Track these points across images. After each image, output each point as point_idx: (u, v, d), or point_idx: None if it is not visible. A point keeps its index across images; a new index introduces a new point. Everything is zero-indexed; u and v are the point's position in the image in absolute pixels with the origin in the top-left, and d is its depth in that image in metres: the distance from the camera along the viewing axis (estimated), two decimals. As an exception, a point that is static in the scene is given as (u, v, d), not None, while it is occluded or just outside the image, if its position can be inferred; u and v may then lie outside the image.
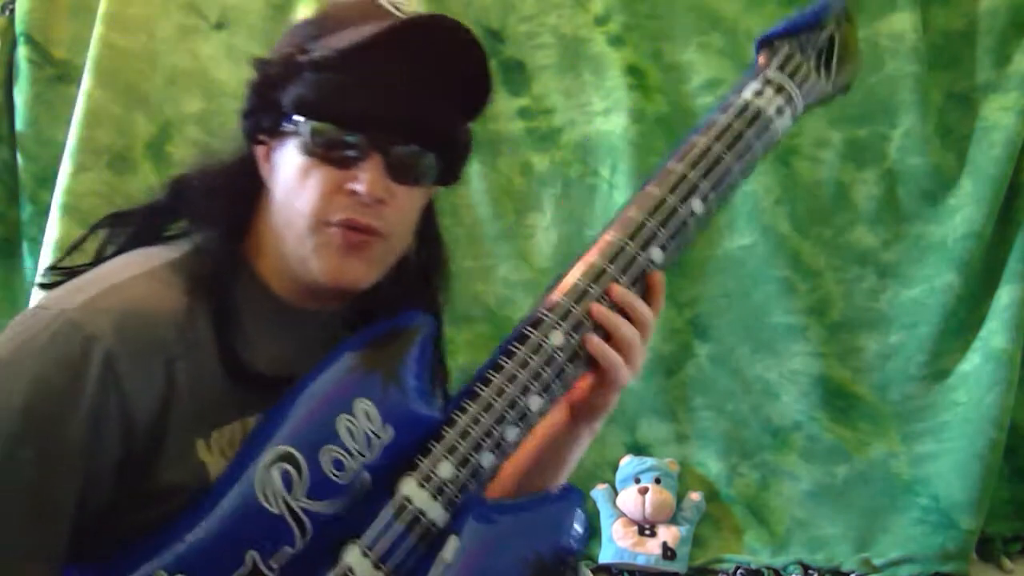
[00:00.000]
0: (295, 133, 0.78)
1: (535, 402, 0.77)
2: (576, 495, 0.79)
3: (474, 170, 2.20)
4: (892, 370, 2.08)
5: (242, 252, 0.84)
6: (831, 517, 2.04)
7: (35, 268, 2.09)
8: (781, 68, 0.85)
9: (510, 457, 0.79)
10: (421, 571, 0.74)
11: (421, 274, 0.91)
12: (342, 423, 0.75)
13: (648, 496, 2.02)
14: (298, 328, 0.85)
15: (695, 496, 2.09)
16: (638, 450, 2.16)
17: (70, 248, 0.89)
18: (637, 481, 2.06)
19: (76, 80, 2.16)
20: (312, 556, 0.74)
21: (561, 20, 2.20)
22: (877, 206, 2.10)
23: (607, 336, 0.79)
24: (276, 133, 0.80)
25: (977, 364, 2.00)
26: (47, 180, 2.14)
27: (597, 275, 0.78)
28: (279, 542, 0.73)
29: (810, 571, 1.97)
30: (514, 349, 0.78)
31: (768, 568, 1.99)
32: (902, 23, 2.07)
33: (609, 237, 0.80)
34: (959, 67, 2.09)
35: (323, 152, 0.78)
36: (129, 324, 0.73)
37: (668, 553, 1.98)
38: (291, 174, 0.79)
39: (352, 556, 0.74)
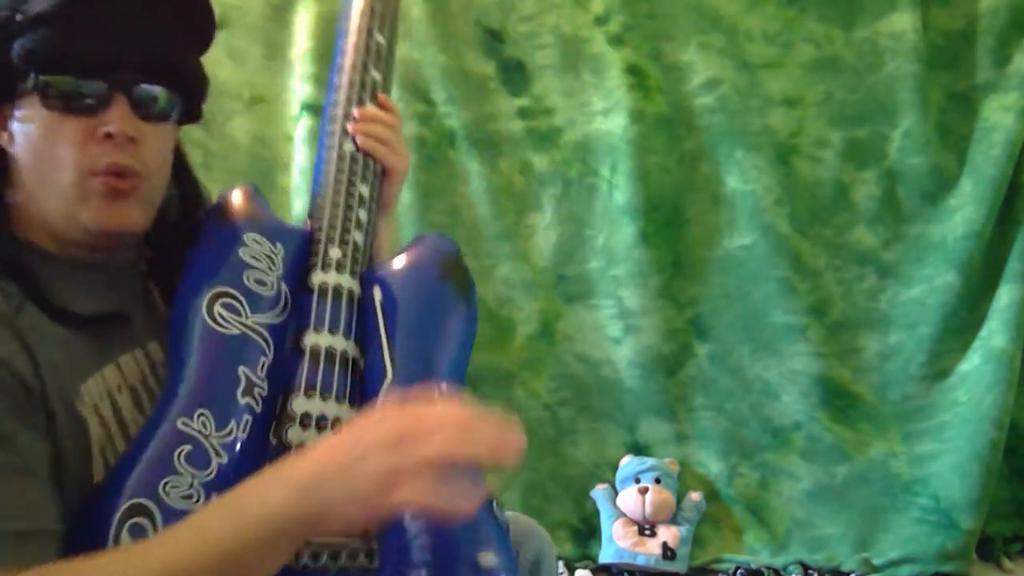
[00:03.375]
0: (31, 91, 0.79)
1: (364, 189, 1.00)
2: (434, 232, 1.02)
3: (474, 170, 2.20)
4: (892, 370, 2.08)
5: (7, 228, 0.83)
6: (831, 517, 2.04)
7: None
8: None
9: (373, 235, 0.99)
10: (369, 323, 0.91)
11: (184, 213, 0.96)
12: (245, 254, 0.89)
13: (648, 496, 2.02)
14: (105, 281, 0.87)
15: (695, 496, 2.09)
16: (638, 450, 2.16)
17: None
18: (637, 481, 2.06)
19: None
20: (284, 359, 0.87)
21: (561, 20, 2.20)
22: (877, 206, 2.10)
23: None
24: (8, 96, 0.81)
25: (977, 364, 2.00)
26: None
27: (348, 101, 1.04)
28: (256, 354, 0.85)
29: (810, 571, 1.97)
30: (328, 164, 1.00)
31: (768, 568, 1.99)
32: (902, 23, 2.07)
33: (340, 79, 1.06)
34: (959, 67, 2.10)
35: (65, 104, 0.79)
36: None
37: (668, 553, 1.98)
38: (37, 134, 0.80)
39: (310, 337, 0.88)
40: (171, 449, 0.77)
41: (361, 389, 0.88)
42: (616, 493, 2.10)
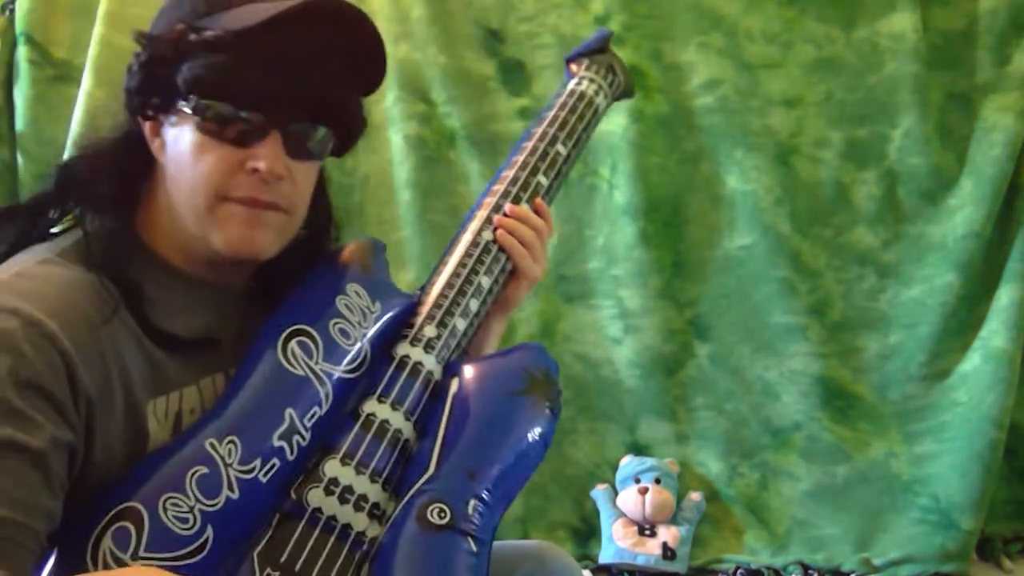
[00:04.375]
0: (189, 111, 0.79)
1: (485, 280, 0.97)
2: (537, 344, 0.97)
3: (474, 170, 2.20)
4: (892, 370, 2.08)
5: (135, 229, 0.84)
6: (831, 517, 2.04)
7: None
8: (588, 70, 1.18)
9: (477, 325, 0.97)
10: (435, 412, 0.87)
11: (313, 240, 0.94)
12: (341, 302, 0.88)
13: (648, 496, 2.02)
14: (209, 301, 0.86)
15: (695, 496, 2.09)
16: (638, 450, 2.16)
17: None
18: (637, 481, 2.06)
19: (76, 80, 2.16)
20: (337, 418, 0.84)
21: (561, 20, 2.20)
22: (877, 206, 2.10)
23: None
24: (167, 109, 0.81)
25: (977, 364, 2.00)
26: (47, 180, 2.15)
27: (504, 194, 1.03)
28: (310, 401, 0.82)
29: (810, 571, 1.97)
30: (459, 244, 0.99)
31: (768, 568, 1.99)
32: (902, 23, 2.07)
33: (507, 173, 1.06)
34: (959, 67, 2.09)
35: (219, 130, 0.79)
36: (47, 296, 0.72)
37: (668, 553, 1.98)
38: (186, 151, 0.80)
39: (371, 405, 0.86)
40: (188, 466, 0.75)
41: (402, 475, 0.85)
42: (616, 493, 2.10)
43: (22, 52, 2.20)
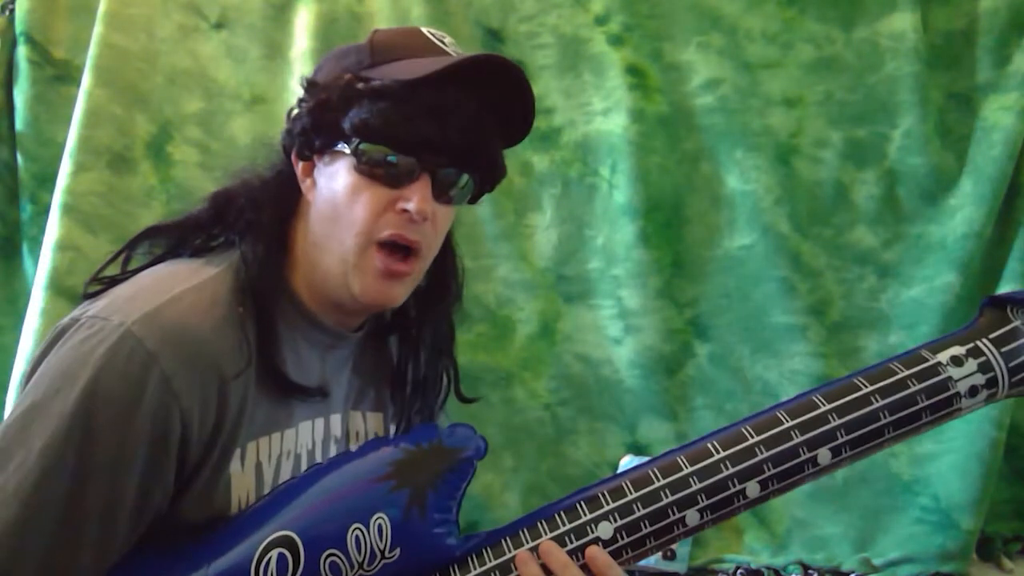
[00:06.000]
0: (349, 152, 0.83)
1: None
2: None
3: (474, 170, 2.20)
4: (892, 370, 2.07)
5: (284, 272, 0.88)
6: (831, 517, 2.04)
7: (35, 268, 2.09)
8: (998, 343, 0.69)
9: None
10: None
11: (438, 281, 0.98)
12: (353, 532, 0.74)
13: (648, 496, 2.02)
14: (325, 343, 0.90)
15: (695, 496, 2.09)
16: (638, 450, 2.16)
17: (113, 257, 0.90)
18: (637, 481, 2.06)
19: (76, 80, 2.16)
20: None
21: (561, 20, 2.20)
22: (877, 206, 2.10)
23: None
24: (325, 151, 0.85)
25: (977, 364, 1.99)
26: (47, 180, 2.14)
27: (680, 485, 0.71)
28: None
29: (810, 571, 1.97)
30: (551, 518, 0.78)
31: (768, 568, 1.99)
32: (902, 23, 2.07)
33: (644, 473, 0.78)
34: (959, 67, 2.09)
35: (374, 171, 0.83)
36: (187, 343, 0.74)
37: (668, 553, 1.98)
38: (342, 190, 0.84)
39: None
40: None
41: None
42: (616, 493, 2.10)
43: (22, 52, 2.20)
